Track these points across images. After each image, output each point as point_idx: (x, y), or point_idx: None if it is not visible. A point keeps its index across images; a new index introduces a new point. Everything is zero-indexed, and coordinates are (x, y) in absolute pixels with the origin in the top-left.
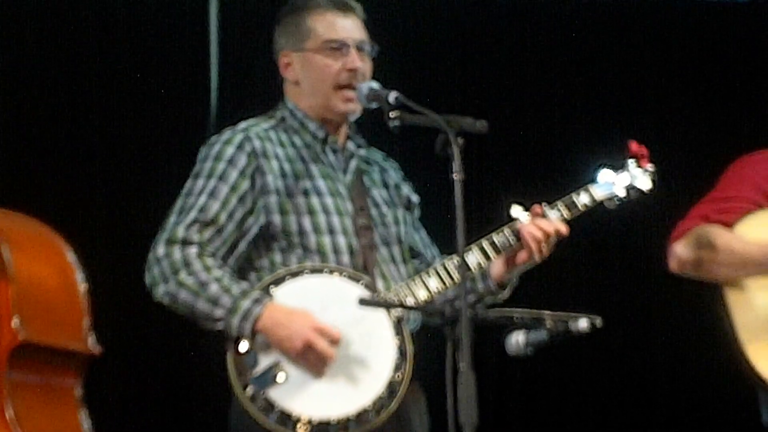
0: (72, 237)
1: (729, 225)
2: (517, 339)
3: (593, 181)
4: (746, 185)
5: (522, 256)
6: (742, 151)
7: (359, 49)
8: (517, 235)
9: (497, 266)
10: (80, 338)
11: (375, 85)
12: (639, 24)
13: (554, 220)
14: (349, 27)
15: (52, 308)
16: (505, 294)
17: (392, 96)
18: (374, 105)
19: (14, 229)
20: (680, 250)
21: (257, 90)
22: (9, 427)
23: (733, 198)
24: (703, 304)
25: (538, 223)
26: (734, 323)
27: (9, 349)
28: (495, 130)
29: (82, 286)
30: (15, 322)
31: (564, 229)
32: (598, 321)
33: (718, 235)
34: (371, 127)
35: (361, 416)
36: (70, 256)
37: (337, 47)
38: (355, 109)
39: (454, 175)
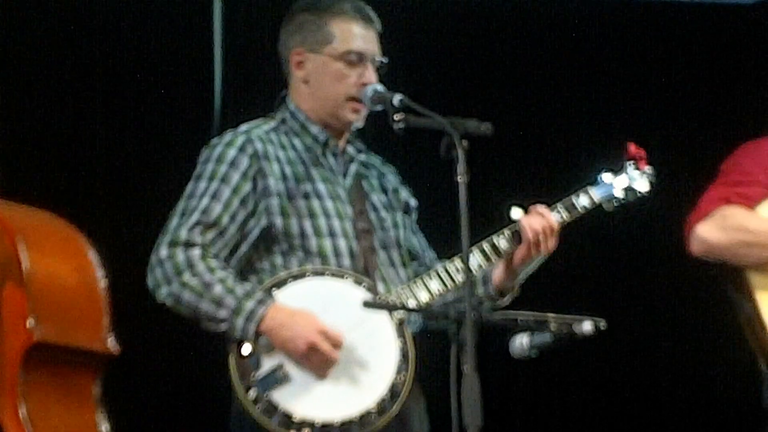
0: None
1: (750, 209)
2: (521, 341)
3: (592, 183)
4: (759, 170)
5: (521, 251)
6: None
7: (372, 62)
8: (517, 236)
9: (498, 272)
10: (99, 338)
11: (380, 87)
12: (642, 26)
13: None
14: (370, 40)
15: (70, 307)
16: (505, 301)
17: (397, 98)
18: (379, 107)
19: (32, 227)
20: (707, 233)
21: (261, 91)
22: (22, 426)
23: (749, 182)
24: (707, 306)
25: (538, 216)
26: (759, 306)
27: (24, 349)
28: (497, 132)
29: (102, 285)
30: (30, 322)
31: (554, 222)
32: (602, 323)
33: (748, 217)
34: (373, 129)
35: (363, 418)
36: (91, 254)
37: (357, 60)
38: (361, 119)
39: (458, 177)
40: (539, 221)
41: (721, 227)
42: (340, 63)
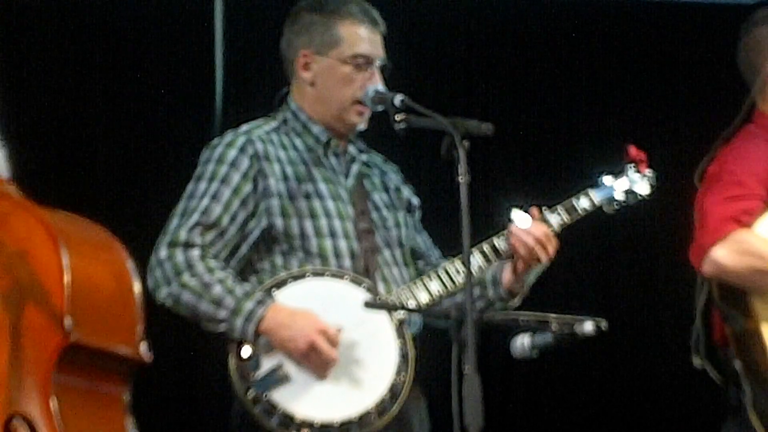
0: None
1: (749, 226)
2: (522, 342)
3: (593, 185)
4: (753, 180)
5: (519, 265)
6: None
7: (377, 65)
8: None
9: (507, 274)
10: (132, 344)
11: (381, 87)
12: (643, 26)
13: (554, 223)
14: (376, 43)
15: (106, 312)
16: (515, 302)
17: (398, 99)
18: (380, 108)
19: (72, 232)
20: (723, 258)
21: (262, 91)
22: (54, 425)
23: (747, 196)
24: None
25: (528, 230)
26: (762, 332)
27: (59, 350)
28: (497, 132)
29: (137, 292)
30: (67, 322)
31: (547, 230)
32: (604, 324)
33: (763, 243)
34: (374, 130)
35: (363, 419)
36: (127, 261)
37: (364, 63)
38: (364, 122)
39: (459, 177)
40: (530, 236)
41: (738, 253)
42: (348, 67)
